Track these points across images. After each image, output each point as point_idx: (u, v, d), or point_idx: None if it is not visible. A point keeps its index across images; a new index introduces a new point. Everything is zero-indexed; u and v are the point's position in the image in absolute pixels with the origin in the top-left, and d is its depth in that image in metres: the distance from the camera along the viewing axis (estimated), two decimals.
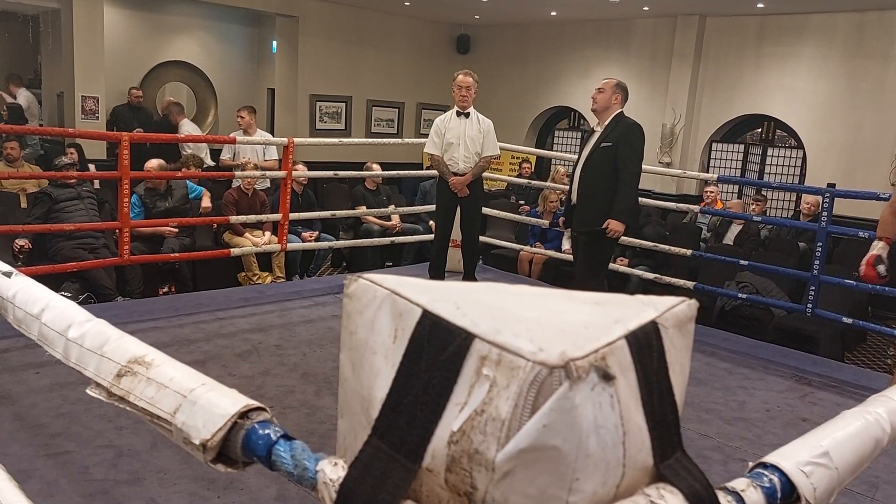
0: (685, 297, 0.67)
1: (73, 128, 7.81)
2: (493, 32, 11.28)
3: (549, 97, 10.76)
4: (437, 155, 5.27)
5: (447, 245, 5.53)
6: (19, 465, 2.63)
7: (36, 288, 1.17)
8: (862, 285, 5.02)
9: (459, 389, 0.56)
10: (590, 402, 0.54)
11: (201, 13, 10.85)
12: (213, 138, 8.96)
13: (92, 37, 8.25)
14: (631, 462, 0.57)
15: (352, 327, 0.66)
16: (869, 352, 6.26)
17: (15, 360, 3.63)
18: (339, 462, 0.65)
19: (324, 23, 10.08)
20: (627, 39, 9.79)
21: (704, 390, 3.87)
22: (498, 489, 0.54)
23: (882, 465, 3.12)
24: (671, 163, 9.13)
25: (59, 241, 5.37)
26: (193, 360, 3.76)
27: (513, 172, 9.95)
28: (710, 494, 0.62)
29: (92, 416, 3.06)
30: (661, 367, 0.61)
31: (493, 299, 0.63)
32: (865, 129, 7.79)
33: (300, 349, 4.17)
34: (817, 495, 0.78)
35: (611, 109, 4.36)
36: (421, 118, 11.32)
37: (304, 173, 6.53)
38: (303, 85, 10.08)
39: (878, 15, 7.76)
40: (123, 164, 4.61)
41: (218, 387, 0.80)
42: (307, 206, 6.66)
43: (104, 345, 0.94)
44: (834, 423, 0.92)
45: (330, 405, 3.39)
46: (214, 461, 0.75)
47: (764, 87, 8.63)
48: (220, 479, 2.63)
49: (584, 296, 0.66)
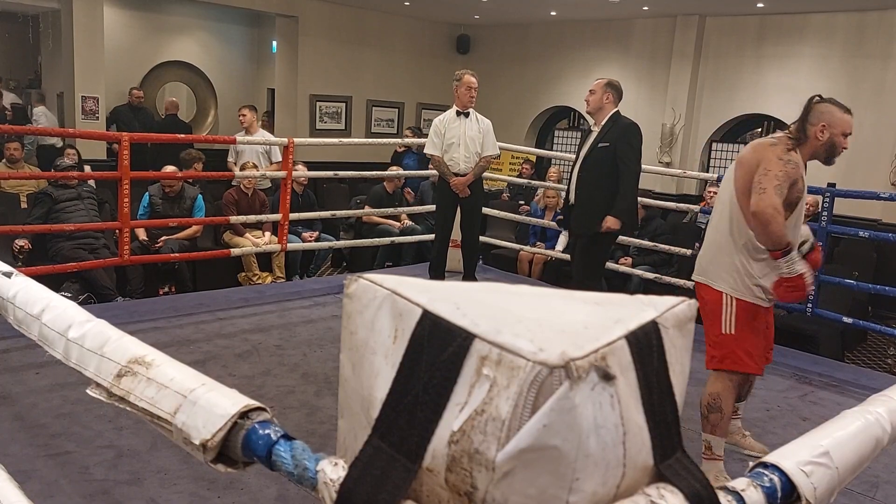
0: (685, 297, 0.67)
1: (73, 128, 7.81)
2: (492, 32, 11.28)
3: (549, 97, 10.77)
4: (437, 155, 5.26)
5: (447, 245, 5.53)
6: (19, 465, 2.63)
7: (36, 288, 1.17)
8: (862, 285, 5.03)
9: (460, 389, 0.56)
10: (590, 402, 0.54)
11: (201, 13, 10.86)
12: (213, 138, 8.97)
13: (92, 37, 8.25)
14: (631, 462, 0.57)
15: (352, 327, 0.66)
16: (869, 351, 6.26)
17: (15, 360, 3.63)
18: (339, 462, 0.65)
19: (324, 23, 10.08)
20: (627, 39, 9.79)
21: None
22: (498, 489, 0.54)
23: (882, 465, 3.12)
24: (671, 163, 9.13)
25: (59, 241, 5.37)
26: (193, 360, 3.76)
27: (513, 172, 9.95)
28: (710, 494, 0.62)
29: (92, 417, 3.06)
30: (662, 367, 0.61)
31: (493, 299, 0.63)
32: (865, 128, 7.78)
33: (300, 349, 4.17)
34: (817, 495, 0.78)
35: (604, 109, 4.35)
36: (421, 118, 11.32)
37: (305, 173, 6.53)
38: (303, 85, 10.08)
39: (878, 15, 7.76)
40: (123, 165, 4.61)
41: (218, 387, 0.80)
42: (307, 207, 6.66)
43: (104, 345, 0.94)
44: (834, 422, 0.92)
45: (330, 405, 3.39)
46: (215, 461, 0.75)
47: (764, 86, 8.63)
48: (220, 480, 2.63)
49: (584, 296, 0.66)
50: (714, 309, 2.76)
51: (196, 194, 6.02)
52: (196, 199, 5.99)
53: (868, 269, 6.39)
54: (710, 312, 2.79)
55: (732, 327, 2.72)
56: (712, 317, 2.77)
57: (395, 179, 7.19)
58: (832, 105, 2.72)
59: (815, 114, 2.70)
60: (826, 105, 2.72)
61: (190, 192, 5.99)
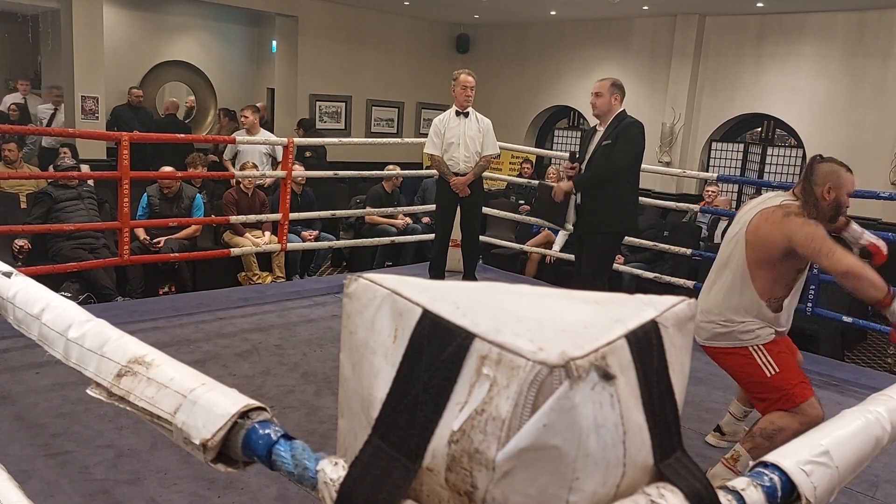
0: (685, 297, 0.67)
1: (72, 128, 7.81)
2: (492, 32, 11.28)
3: (549, 96, 10.76)
4: (437, 155, 5.26)
5: (447, 245, 5.53)
6: (19, 465, 2.63)
7: (36, 288, 1.17)
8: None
9: (460, 389, 0.56)
10: (590, 402, 0.54)
11: (201, 13, 10.86)
12: (213, 138, 8.96)
13: (92, 37, 8.25)
14: (631, 461, 0.57)
15: (352, 327, 0.66)
16: (869, 351, 6.26)
17: (15, 360, 3.63)
18: (339, 462, 0.65)
19: (323, 23, 10.08)
20: (627, 39, 9.79)
21: (704, 389, 3.87)
22: (498, 488, 0.54)
23: (882, 464, 3.12)
24: (671, 162, 9.13)
25: (59, 241, 5.37)
26: (193, 360, 3.76)
27: (513, 172, 9.95)
28: (710, 493, 0.62)
29: (92, 416, 3.06)
30: (662, 367, 0.61)
31: (493, 299, 0.63)
32: (865, 128, 7.78)
33: (300, 349, 4.17)
34: (817, 494, 0.78)
35: (612, 110, 4.35)
36: (421, 118, 11.32)
37: (302, 173, 6.53)
38: (302, 85, 10.08)
39: (878, 14, 7.76)
40: (123, 164, 4.61)
41: (218, 386, 0.80)
42: (307, 206, 6.66)
43: (104, 345, 0.94)
44: (834, 422, 0.93)
45: (330, 405, 3.39)
46: (215, 461, 0.75)
47: (764, 86, 8.63)
48: (220, 479, 2.63)
49: (584, 295, 0.66)
50: (747, 363, 2.74)
51: (195, 194, 6.03)
52: (195, 199, 5.99)
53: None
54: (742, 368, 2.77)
55: (774, 367, 2.70)
56: (748, 370, 2.74)
57: (394, 179, 7.18)
58: (836, 165, 2.70)
59: (819, 175, 2.66)
60: (830, 165, 2.69)
61: (188, 192, 5.99)
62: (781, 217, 2.62)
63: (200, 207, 6.03)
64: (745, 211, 2.80)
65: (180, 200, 5.92)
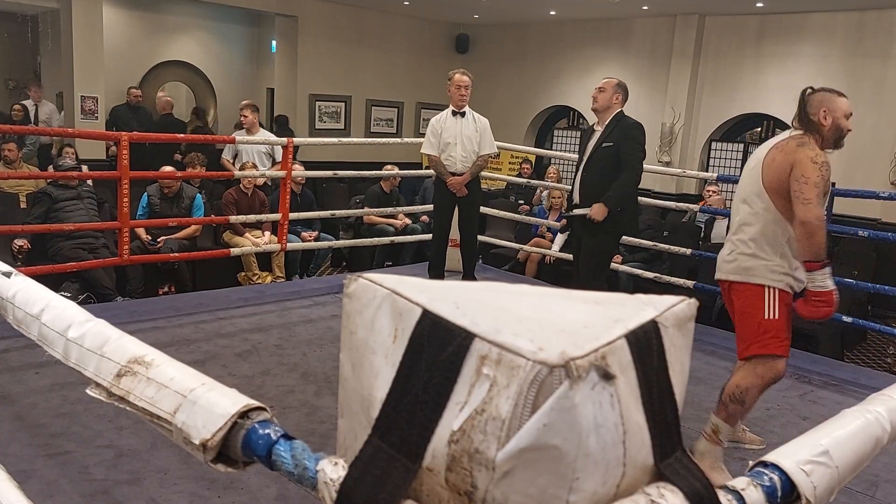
0: (685, 297, 0.67)
1: (72, 128, 7.81)
2: (492, 32, 11.27)
3: (549, 96, 10.76)
4: (434, 155, 5.26)
5: (445, 244, 5.53)
6: (19, 465, 2.63)
7: (36, 288, 1.17)
8: (862, 284, 5.02)
9: (459, 389, 0.56)
10: (590, 402, 0.54)
11: (201, 13, 10.86)
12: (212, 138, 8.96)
13: (91, 37, 8.25)
14: (631, 461, 0.57)
15: (352, 327, 0.66)
16: (869, 350, 6.26)
17: (15, 360, 3.63)
18: (339, 462, 0.65)
19: (323, 23, 10.08)
20: (627, 39, 9.79)
21: (704, 389, 3.87)
22: (498, 488, 0.54)
23: (882, 464, 3.12)
24: (670, 162, 9.13)
25: (58, 240, 5.37)
26: (193, 360, 3.76)
27: (512, 172, 9.95)
28: (710, 493, 0.62)
29: (92, 416, 3.06)
30: (661, 367, 0.61)
31: (492, 299, 0.63)
32: (865, 128, 7.78)
33: (300, 349, 4.17)
34: (817, 494, 0.78)
35: (611, 109, 4.34)
36: (420, 118, 11.32)
37: (302, 173, 6.53)
38: (302, 85, 10.08)
39: (877, 14, 7.76)
40: (123, 164, 4.61)
41: (218, 386, 0.80)
42: (306, 206, 6.66)
43: (104, 345, 0.94)
44: (834, 421, 0.93)
45: (330, 405, 3.39)
46: (214, 461, 0.75)
47: (763, 86, 8.63)
48: (220, 479, 2.63)
49: (584, 295, 0.66)
50: (755, 301, 2.78)
51: (195, 194, 6.03)
52: (195, 199, 5.99)
53: (867, 268, 6.39)
54: (748, 304, 2.80)
55: (776, 312, 2.75)
56: (752, 308, 2.79)
57: (392, 179, 7.18)
58: (826, 91, 2.79)
59: (812, 103, 2.76)
60: (820, 93, 2.79)
61: (188, 192, 5.99)
62: (795, 147, 2.70)
63: (200, 207, 6.03)
64: (760, 149, 2.86)
65: (180, 200, 5.92)
